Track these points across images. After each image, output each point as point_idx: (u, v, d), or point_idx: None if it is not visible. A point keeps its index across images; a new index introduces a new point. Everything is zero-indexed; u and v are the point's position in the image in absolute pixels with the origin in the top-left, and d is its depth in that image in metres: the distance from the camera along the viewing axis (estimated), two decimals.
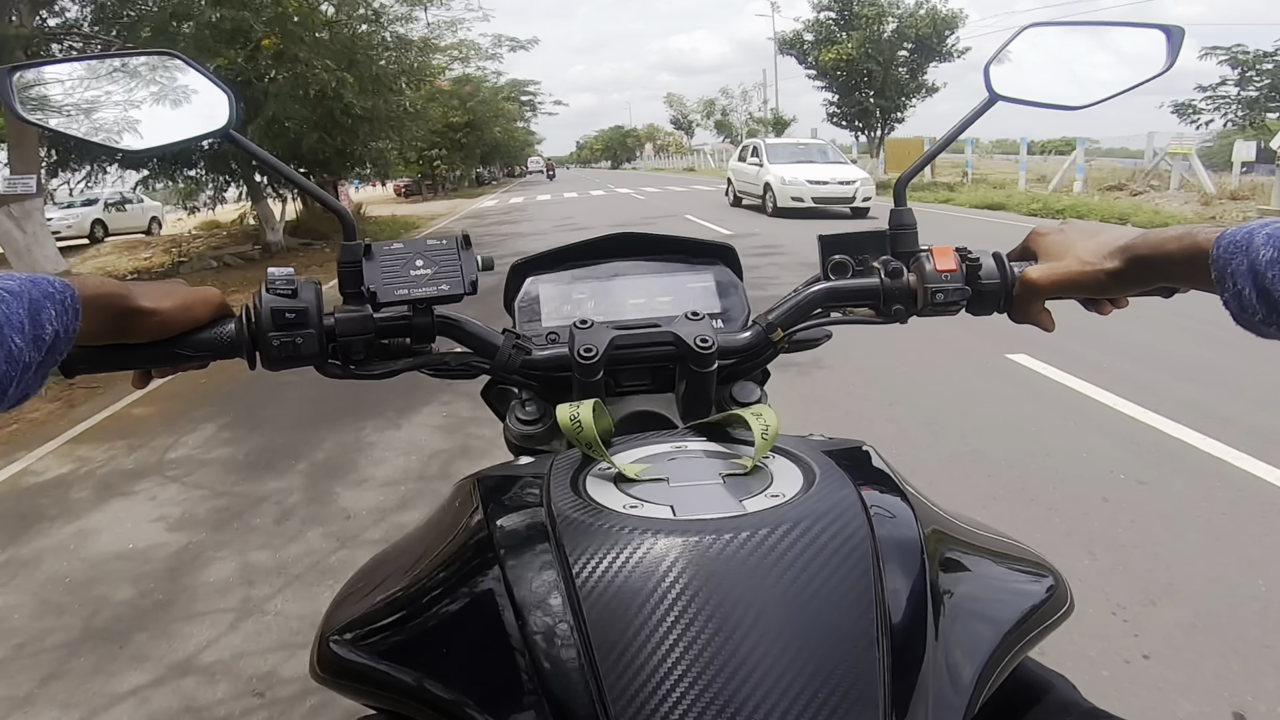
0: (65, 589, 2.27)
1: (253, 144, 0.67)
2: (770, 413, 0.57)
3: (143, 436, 3.58)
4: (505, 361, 0.69)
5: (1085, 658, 1.71)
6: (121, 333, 0.57)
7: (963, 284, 0.67)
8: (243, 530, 2.55)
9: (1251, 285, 0.47)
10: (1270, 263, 0.45)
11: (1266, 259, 0.46)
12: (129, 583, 2.27)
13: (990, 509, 2.39)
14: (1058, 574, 0.55)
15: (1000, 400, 3.42)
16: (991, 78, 0.72)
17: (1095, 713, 0.53)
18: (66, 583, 2.29)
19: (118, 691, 1.80)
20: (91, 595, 2.22)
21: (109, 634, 2.02)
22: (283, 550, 2.39)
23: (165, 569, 2.33)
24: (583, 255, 0.81)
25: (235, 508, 2.72)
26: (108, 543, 2.53)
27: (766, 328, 0.71)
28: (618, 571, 0.43)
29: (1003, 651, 0.47)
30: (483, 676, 0.43)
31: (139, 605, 2.15)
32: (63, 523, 2.72)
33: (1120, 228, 0.63)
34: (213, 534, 2.53)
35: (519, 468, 0.60)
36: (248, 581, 2.22)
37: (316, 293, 0.63)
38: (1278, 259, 0.45)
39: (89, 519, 2.73)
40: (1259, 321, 0.48)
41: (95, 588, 2.26)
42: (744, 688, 0.38)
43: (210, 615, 2.07)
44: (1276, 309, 0.46)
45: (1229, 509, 2.36)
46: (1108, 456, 2.75)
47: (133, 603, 2.16)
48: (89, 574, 2.34)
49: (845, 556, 0.43)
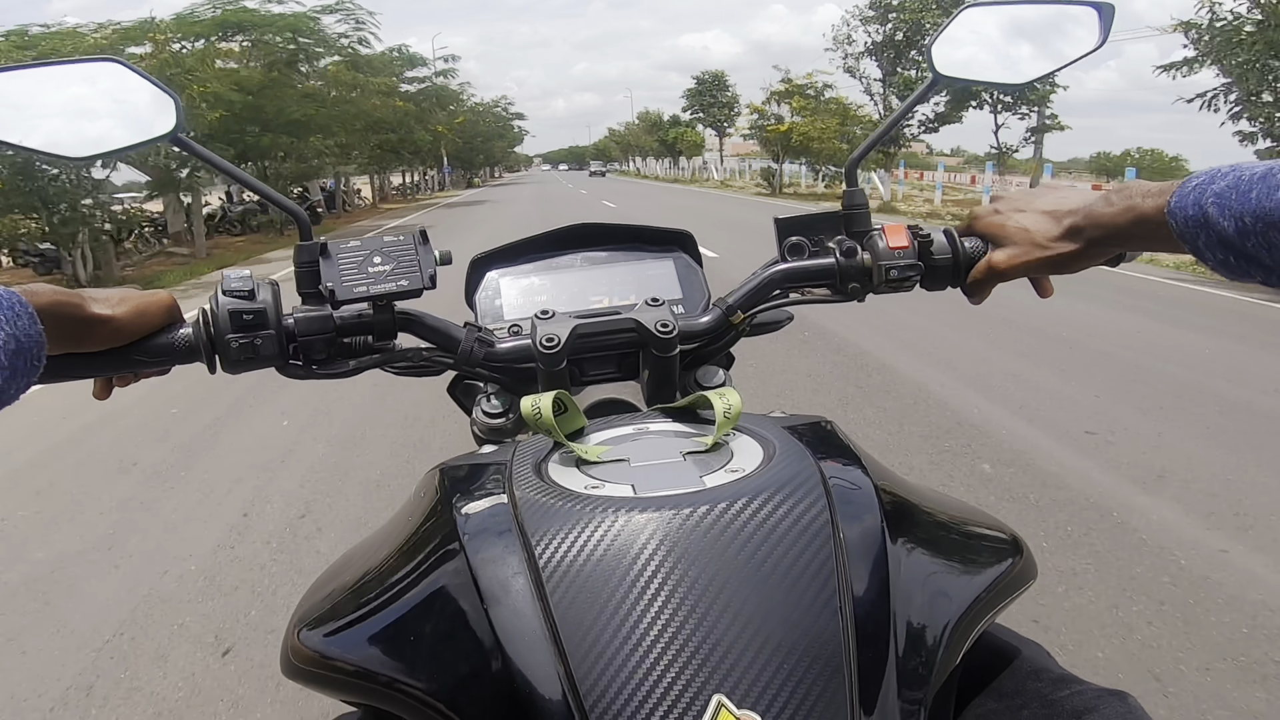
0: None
1: (202, 147, 0.66)
2: (733, 393, 0.58)
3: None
4: (468, 355, 0.69)
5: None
6: (76, 341, 0.56)
7: (915, 259, 0.69)
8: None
9: (1229, 252, 0.47)
10: (1242, 233, 0.46)
11: (1234, 230, 0.46)
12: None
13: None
14: (1020, 541, 0.56)
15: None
16: (935, 58, 0.73)
17: (1067, 678, 0.53)
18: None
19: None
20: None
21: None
22: None
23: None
24: (543, 247, 0.82)
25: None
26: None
27: (726, 310, 0.73)
28: (579, 551, 0.43)
29: (967, 618, 0.48)
30: (451, 665, 0.43)
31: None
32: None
33: (1050, 192, 0.65)
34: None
35: (482, 456, 0.60)
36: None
37: (274, 293, 0.63)
38: (1250, 228, 0.45)
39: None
40: (1241, 274, 0.48)
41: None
42: (709, 662, 0.39)
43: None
44: (1261, 265, 0.46)
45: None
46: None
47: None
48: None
49: (805, 528, 0.44)
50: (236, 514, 2.76)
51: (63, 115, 0.63)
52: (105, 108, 0.64)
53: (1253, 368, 4.04)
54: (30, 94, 0.62)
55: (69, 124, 0.63)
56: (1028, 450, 2.96)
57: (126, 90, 0.64)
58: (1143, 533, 2.32)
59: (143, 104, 0.64)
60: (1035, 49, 0.75)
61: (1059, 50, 0.74)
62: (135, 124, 0.64)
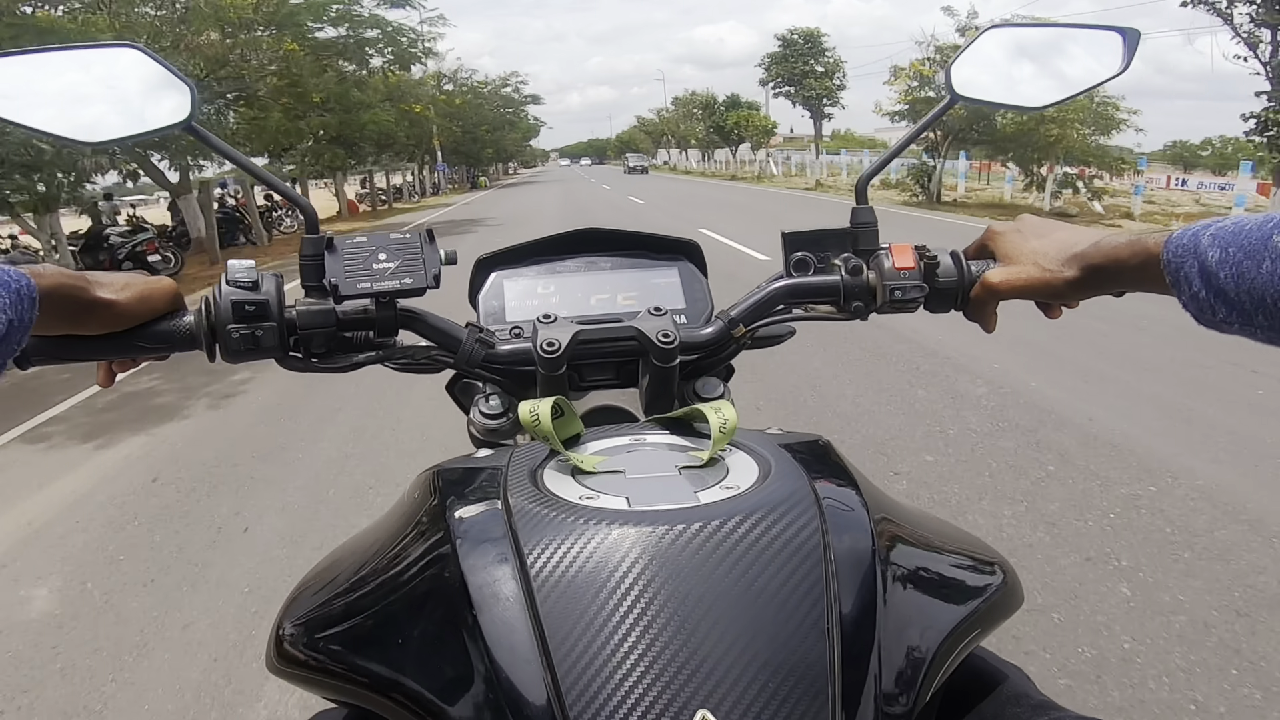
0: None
1: (215, 137, 0.67)
2: (729, 408, 0.58)
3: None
4: (468, 355, 0.69)
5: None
6: (78, 324, 0.57)
7: (920, 282, 0.68)
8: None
9: (1204, 286, 0.47)
10: (1220, 263, 0.46)
11: (1215, 259, 0.46)
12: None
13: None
14: (1008, 567, 0.56)
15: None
16: (953, 78, 0.73)
17: (1046, 704, 0.53)
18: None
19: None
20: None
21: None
22: None
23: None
24: (548, 250, 0.81)
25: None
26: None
27: (729, 323, 0.72)
28: (571, 562, 0.43)
29: (952, 642, 0.47)
30: (438, 668, 0.43)
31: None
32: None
33: (1071, 227, 0.64)
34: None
35: (478, 460, 0.60)
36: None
37: (278, 285, 0.63)
38: (1226, 258, 0.46)
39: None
40: (1220, 320, 0.48)
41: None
42: (695, 677, 0.38)
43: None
44: (1234, 307, 0.46)
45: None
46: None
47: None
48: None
49: (797, 548, 0.44)
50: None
51: (79, 100, 0.64)
52: (122, 93, 0.64)
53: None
54: (48, 77, 0.63)
55: (85, 108, 0.64)
56: None
57: (143, 76, 0.64)
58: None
59: (159, 91, 0.64)
60: (1057, 72, 0.74)
61: (1080, 75, 0.73)
62: (151, 111, 0.64)
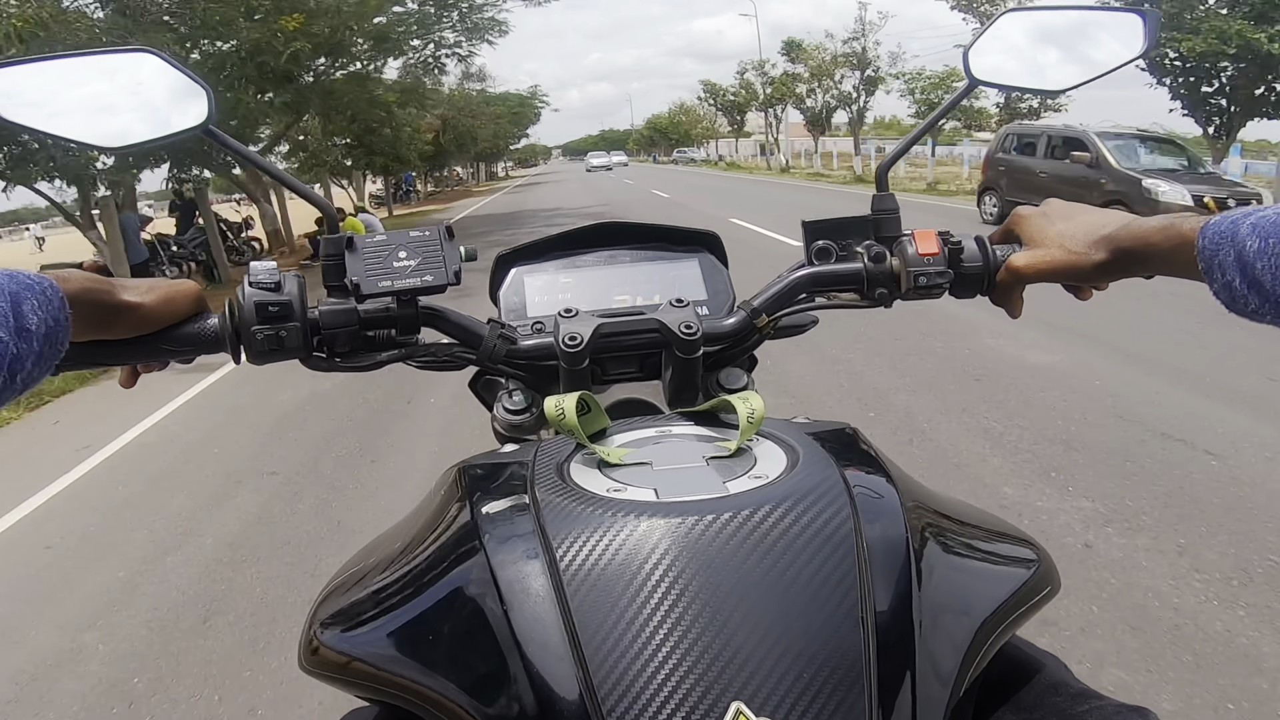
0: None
1: (233, 140, 0.67)
2: (756, 397, 0.57)
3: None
4: (491, 351, 0.69)
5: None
6: (104, 328, 0.57)
7: (945, 267, 0.67)
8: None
9: (1240, 275, 0.46)
10: (1258, 253, 0.45)
11: (1254, 249, 0.45)
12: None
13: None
14: (1044, 552, 0.55)
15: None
16: (971, 63, 0.72)
17: (1086, 692, 0.53)
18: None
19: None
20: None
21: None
22: None
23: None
24: (568, 245, 0.81)
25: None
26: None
27: (751, 313, 0.72)
28: (601, 555, 0.43)
29: (988, 631, 0.47)
30: (469, 664, 0.43)
31: None
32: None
33: (1097, 209, 0.63)
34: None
35: (503, 455, 0.60)
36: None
37: (300, 286, 0.63)
38: (1265, 249, 0.45)
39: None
40: (1251, 311, 0.47)
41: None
42: (728, 669, 0.38)
43: None
44: (1269, 298, 0.45)
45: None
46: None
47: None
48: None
49: (828, 536, 0.44)
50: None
51: (96, 105, 0.64)
52: (138, 98, 0.64)
53: None
54: (65, 83, 0.63)
55: (101, 114, 0.64)
56: None
57: (160, 81, 0.64)
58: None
59: (176, 95, 0.64)
60: (1075, 55, 0.73)
61: (1100, 57, 0.72)
62: (169, 115, 0.64)
